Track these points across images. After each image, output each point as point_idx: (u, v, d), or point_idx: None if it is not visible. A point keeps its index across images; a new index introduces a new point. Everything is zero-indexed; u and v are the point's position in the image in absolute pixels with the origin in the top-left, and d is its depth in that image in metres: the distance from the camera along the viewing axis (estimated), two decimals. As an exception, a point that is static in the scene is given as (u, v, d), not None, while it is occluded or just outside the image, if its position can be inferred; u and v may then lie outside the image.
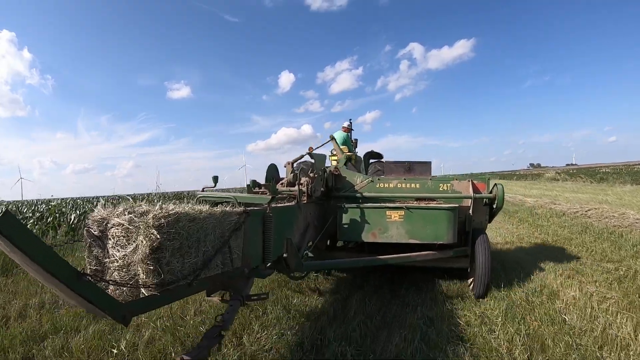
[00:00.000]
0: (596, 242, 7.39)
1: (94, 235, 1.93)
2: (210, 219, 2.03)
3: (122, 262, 1.81)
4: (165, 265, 1.74)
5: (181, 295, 2.08)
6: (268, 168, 5.07)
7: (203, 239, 1.99)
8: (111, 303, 1.64)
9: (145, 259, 1.70)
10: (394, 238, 4.43)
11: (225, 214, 2.18)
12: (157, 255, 1.71)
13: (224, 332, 2.52)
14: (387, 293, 4.69)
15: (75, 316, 3.93)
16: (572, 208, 12.81)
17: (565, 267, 5.57)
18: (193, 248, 1.91)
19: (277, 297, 4.45)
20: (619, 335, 3.28)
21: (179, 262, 1.82)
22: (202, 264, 1.97)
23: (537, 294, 4.42)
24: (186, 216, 1.85)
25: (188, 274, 1.87)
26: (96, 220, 1.93)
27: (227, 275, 2.40)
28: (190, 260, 1.89)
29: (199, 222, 1.94)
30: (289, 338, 3.47)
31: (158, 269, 1.70)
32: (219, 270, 2.30)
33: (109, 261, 1.87)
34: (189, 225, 1.87)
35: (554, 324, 3.58)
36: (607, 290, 4.48)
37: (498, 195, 4.79)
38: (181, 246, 1.83)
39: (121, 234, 1.83)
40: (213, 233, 2.07)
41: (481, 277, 4.44)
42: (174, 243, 1.78)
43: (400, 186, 5.01)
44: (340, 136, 7.32)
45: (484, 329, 3.58)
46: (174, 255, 1.79)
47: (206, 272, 2.12)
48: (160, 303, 1.98)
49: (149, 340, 3.40)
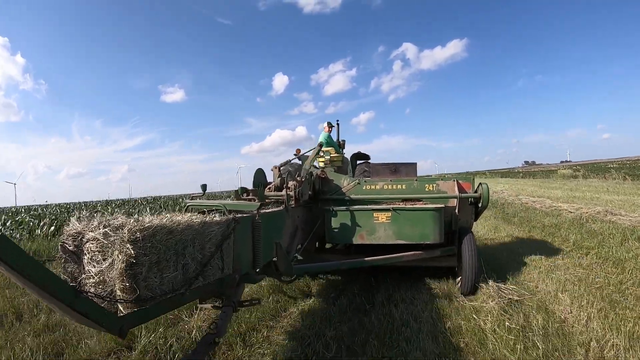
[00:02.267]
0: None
1: (69, 250, 1.84)
2: (189, 231, 1.95)
3: (98, 279, 1.73)
4: (142, 281, 1.66)
5: (177, 304, 2.08)
6: (255, 173, 5.01)
7: (182, 251, 1.91)
8: (108, 317, 1.63)
9: (121, 275, 1.62)
10: (381, 239, 4.41)
11: (204, 224, 2.10)
12: (133, 271, 1.63)
13: (218, 339, 2.47)
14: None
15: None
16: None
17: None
18: (172, 262, 1.83)
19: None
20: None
21: (157, 277, 1.74)
22: (183, 278, 1.90)
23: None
24: (163, 229, 1.76)
25: (168, 290, 1.80)
26: (71, 234, 1.84)
27: (218, 282, 2.39)
28: (169, 274, 1.81)
29: (177, 235, 1.86)
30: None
31: (134, 285, 1.63)
32: (212, 279, 2.28)
33: (85, 277, 1.78)
34: (167, 238, 1.79)
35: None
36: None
37: (483, 194, 4.83)
38: (159, 260, 1.75)
39: (96, 248, 1.74)
40: (192, 245, 1.99)
41: (468, 274, 4.46)
42: (151, 257, 1.70)
43: (387, 188, 4.99)
44: (323, 137, 7.23)
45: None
46: (151, 270, 1.71)
47: (199, 282, 2.12)
48: (156, 314, 1.97)
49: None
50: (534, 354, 2.98)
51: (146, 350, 3.24)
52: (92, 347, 3.30)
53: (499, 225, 9.70)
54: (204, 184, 4.06)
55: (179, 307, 2.33)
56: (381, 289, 4.83)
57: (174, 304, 2.04)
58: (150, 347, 3.29)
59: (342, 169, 6.73)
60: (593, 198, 14.18)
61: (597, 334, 3.22)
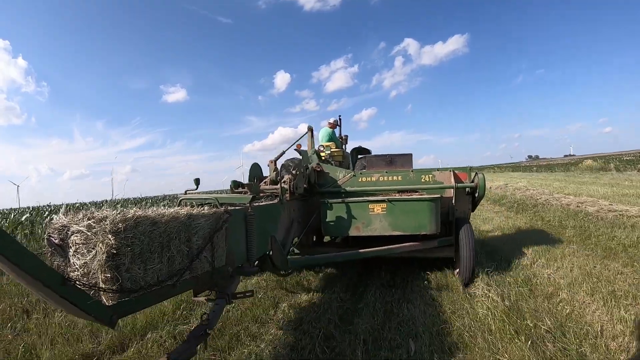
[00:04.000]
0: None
1: (54, 243, 1.81)
2: (174, 223, 1.91)
3: (83, 271, 1.70)
4: (125, 272, 1.63)
5: (167, 295, 2.05)
6: (251, 167, 4.99)
7: (167, 244, 1.87)
8: (97, 306, 1.61)
9: (102, 265, 1.59)
10: (377, 231, 4.37)
11: (191, 217, 2.07)
12: (115, 262, 1.60)
13: (209, 331, 2.49)
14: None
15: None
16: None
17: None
18: (156, 253, 1.80)
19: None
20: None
21: (141, 269, 1.71)
22: (168, 271, 1.87)
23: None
24: (146, 220, 1.73)
25: (153, 282, 1.77)
26: (56, 227, 1.81)
27: (211, 274, 2.37)
28: (154, 266, 1.78)
29: (162, 226, 1.82)
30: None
31: (116, 276, 1.60)
32: (199, 272, 2.25)
33: (69, 270, 1.76)
34: (150, 229, 1.75)
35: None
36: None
37: (479, 184, 4.78)
38: (142, 252, 1.72)
39: (81, 241, 1.71)
40: (178, 237, 1.95)
41: (466, 264, 4.43)
42: (134, 249, 1.67)
43: (382, 179, 4.95)
44: (326, 132, 7.24)
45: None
46: (134, 262, 1.68)
47: (189, 273, 2.09)
48: (146, 304, 1.94)
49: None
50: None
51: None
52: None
53: (550, 246, 5.89)
54: (197, 178, 4.04)
55: (170, 297, 2.32)
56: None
57: (164, 294, 2.01)
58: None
59: (343, 164, 6.71)
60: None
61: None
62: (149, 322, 3.67)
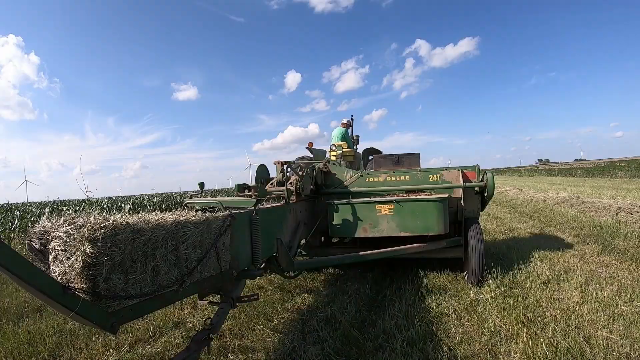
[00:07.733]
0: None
1: (35, 249, 1.66)
2: (160, 230, 1.73)
3: (62, 279, 1.54)
4: (102, 283, 1.46)
5: (170, 301, 1.96)
6: (257, 169, 4.82)
7: (151, 253, 1.70)
8: (98, 312, 1.52)
9: (78, 275, 1.43)
10: (385, 232, 4.15)
11: (178, 224, 1.88)
12: (92, 272, 1.43)
13: (212, 336, 2.38)
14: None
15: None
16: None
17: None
18: (139, 263, 1.63)
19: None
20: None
21: (121, 279, 1.54)
22: (152, 281, 1.70)
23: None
24: (127, 228, 1.55)
25: (135, 293, 1.60)
26: (37, 233, 1.66)
27: (215, 278, 2.28)
28: (136, 276, 1.61)
29: (145, 234, 1.65)
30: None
31: (92, 287, 1.43)
32: (200, 277, 2.13)
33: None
34: (132, 237, 1.58)
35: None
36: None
37: (488, 183, 4.52)
38: (123, 261, 1.55)
39: (60, 247, 1.55)
40: (164, 246, 1.77)
41: (475, 265, 4.17)
42: (113, 258, 1.50)
43: (390, 179, 4.73)
44: (339, 132, 7.11)
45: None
46: (113, 272, 1.51)
47: (191, 279, 2.00)
48: (149, 310, 1.86)
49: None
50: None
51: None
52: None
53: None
54: (201, 182, 3.93)
55: (173, 302, 2.20)
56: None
57: (167, 300, 1.92)
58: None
59: (354, 164, 6.51)
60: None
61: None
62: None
